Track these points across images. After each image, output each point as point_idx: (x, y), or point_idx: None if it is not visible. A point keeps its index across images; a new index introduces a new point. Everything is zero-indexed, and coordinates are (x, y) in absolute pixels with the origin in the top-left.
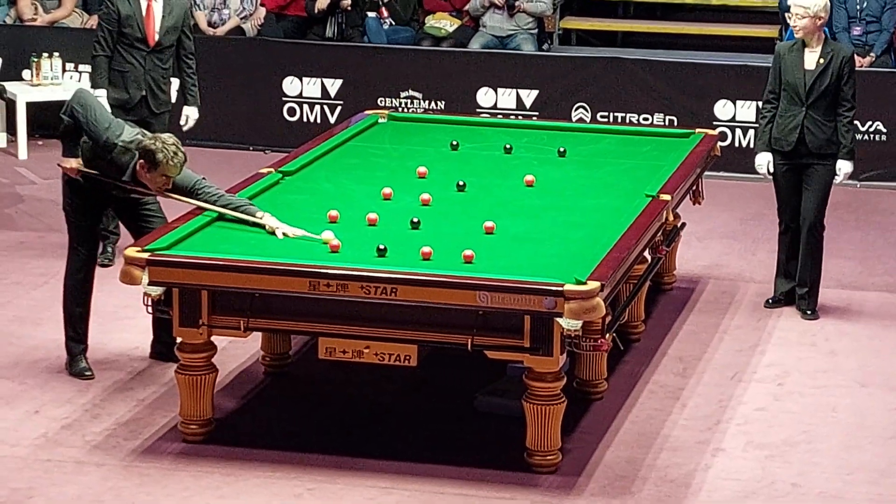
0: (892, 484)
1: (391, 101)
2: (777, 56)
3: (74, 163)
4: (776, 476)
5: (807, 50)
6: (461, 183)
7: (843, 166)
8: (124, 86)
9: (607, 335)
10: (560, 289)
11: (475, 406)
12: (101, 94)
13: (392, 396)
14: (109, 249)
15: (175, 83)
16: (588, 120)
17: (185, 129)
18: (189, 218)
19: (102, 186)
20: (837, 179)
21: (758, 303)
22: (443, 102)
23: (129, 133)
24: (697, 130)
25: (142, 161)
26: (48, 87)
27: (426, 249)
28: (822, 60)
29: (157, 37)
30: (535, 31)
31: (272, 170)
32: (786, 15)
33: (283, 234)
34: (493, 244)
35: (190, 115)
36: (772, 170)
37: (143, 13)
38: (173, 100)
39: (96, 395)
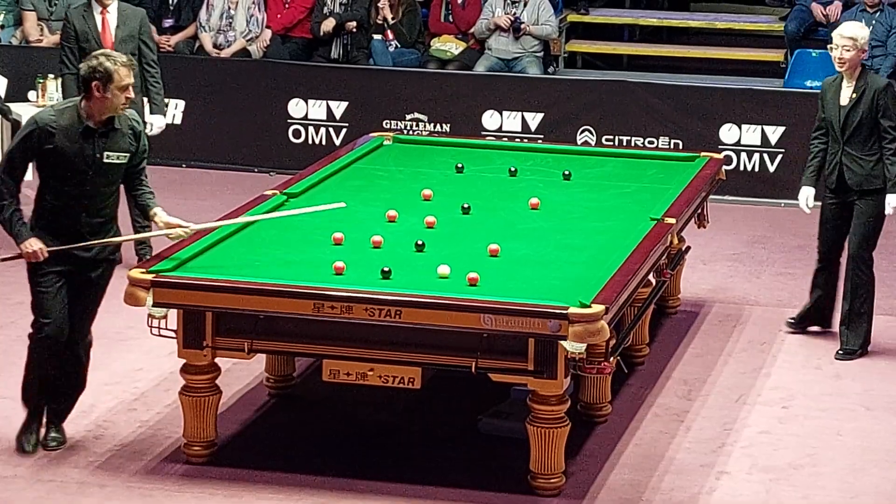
0: None
1: (396, 124)
2: (822, 91)
3: (35, 243)
4: (781, 499)
5: (844, 84)
6: (466, 206)
7: (892, 200)
8: None
9: (611, 358)
10: (564, 312)
11: (479, 428)
12: None
13: (396, 418)
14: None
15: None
16: (593, 143)
17: (149, 135)
18: (194, 240)
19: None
20: (888, 212)
21: (762, 326)
22: (448, 125)
23: (57, 104)
24: (702, 154)
25: (95, 83)
26: None
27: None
28: (854, 95)
29: (113, 47)
30: (541, 54)
31: (277, 192)
32: (829, 47)
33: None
34: (497, 267)
35: (154, 122)
36: (810, 204)
37: (99, 26)
38: (147, 112)
39: (99, 415)
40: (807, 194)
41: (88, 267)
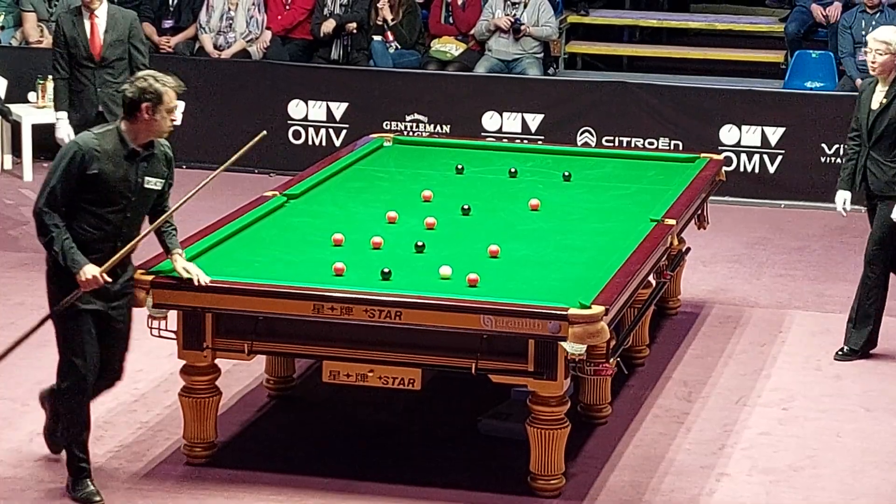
0: None
1: (396, 125)
2: (859, 92)
3: (92, 269)
4: (781, 501)
5: (878, 88)
6: (466, 207)
7: None
8: (81, 105)
9: (611, 360)
10: (564, 313)
11: (479, 429)
12: (62, 117)
13: (396, 420)
14: None
15: None
16: (593, 144)
17: None
18: (193, 241)
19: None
20: (894, 217)
21: (762, 327)
22: (448, 126)
23: (93, 128)
24: (702, 155)
25: (146, 105)
26: None
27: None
28: (884, 100)
29: (102, 51)
30: (541, 55)
31: (277, 193)
32: (863, 51)
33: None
34: (497, 268)
35: None
36: (847, 207)
37: (88, 31)
38: None
39: (99, 416)
40: (843, 197)
41: (113, 301)
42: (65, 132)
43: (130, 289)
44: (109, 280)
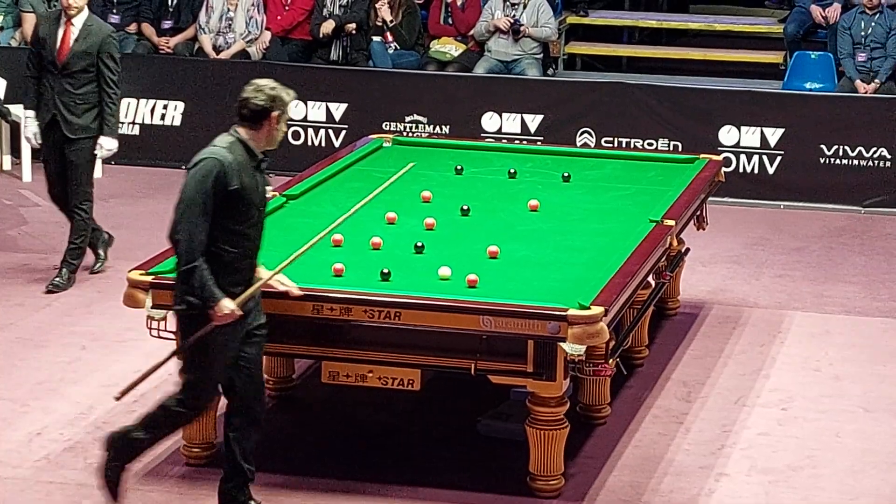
0: None
1: (396, 126)
2: None
3: (229, 303)
4: (780, 501)
5: None
6: (465, 207)
7: None
8: (39, 108)
9: (611, 360)
10: (564, 314)
11: (478, 430)
12: (31, 115)
13: (395, 420)
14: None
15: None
16: (592, 145)
17: (99, 157)
18: None
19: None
20: None
21: (762, 327)
22: (447, 127)
23: (218, 141)
24: (702, 156)
25: (277, 113)
26: None
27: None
28: None
29: (65, 59)
30: (541, 55)
31: (276, 193)
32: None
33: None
34: (496, 269)
35: (104, 144)
36: None
37: (60, 36)
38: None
39: (99, 417)
40: None
41: (245, 344)
42: (31, 131)
43: (263, 331)
44: (241, 314)
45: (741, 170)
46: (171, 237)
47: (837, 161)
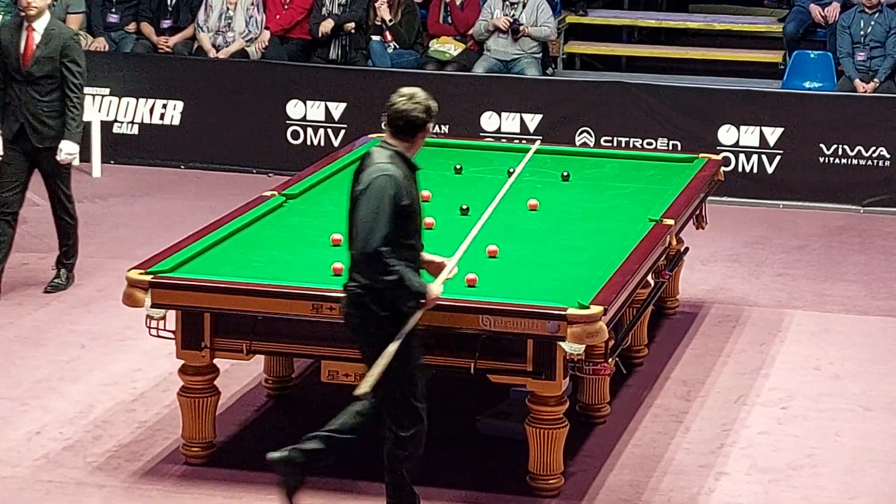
0: None
1: None
2: None
3: (436, 288)
4: (780, 500)
5: None
6: (465, 207)
7: None
8: (6, 118)
9: (610, 359)
10: (563, 313)
11: (478, 429)
12: None
13: None
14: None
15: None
16: (592, 144)
17: (62, 163)
18: (192, 241)
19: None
20: None
21: (761, 326)
22: (446, 126)
23: (378, 157)
24: (701, 155)
25: (431, 123)
26: None
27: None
28: None
29: (28, 66)
30: (540, 55)
31: (276, 193)
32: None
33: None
34: (496, 268)
35: (65, 149)
36: None
37: (23, 43)
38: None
39: (98, 416)
40: None
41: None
42: None
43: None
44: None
45: (740, 169)
46: (363, 251)
47: (837, 160)
